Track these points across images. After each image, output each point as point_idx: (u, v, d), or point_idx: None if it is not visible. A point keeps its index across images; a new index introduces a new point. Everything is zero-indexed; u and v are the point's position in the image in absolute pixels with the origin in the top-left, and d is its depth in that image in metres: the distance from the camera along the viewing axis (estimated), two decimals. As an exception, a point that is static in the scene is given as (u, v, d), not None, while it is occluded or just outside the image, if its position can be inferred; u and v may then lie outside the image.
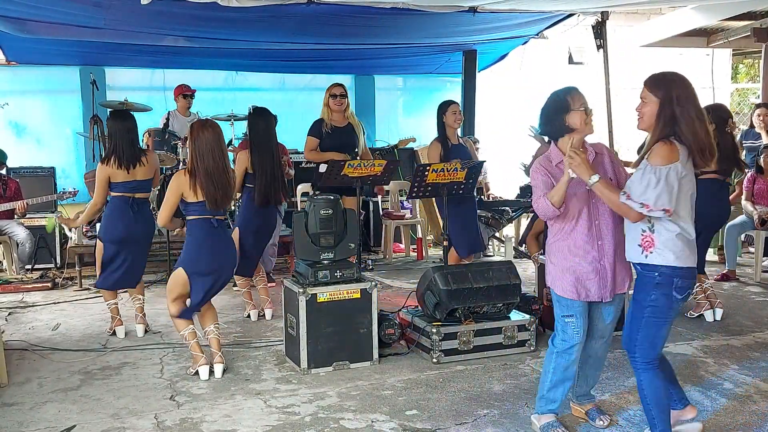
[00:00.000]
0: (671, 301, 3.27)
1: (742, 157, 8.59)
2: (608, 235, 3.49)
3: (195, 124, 4.56)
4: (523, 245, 8.11)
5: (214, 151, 4.42)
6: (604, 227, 3.48)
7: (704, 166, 3.25)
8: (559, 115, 3.48)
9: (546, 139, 5.61)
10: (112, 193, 5.30)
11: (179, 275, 4.55)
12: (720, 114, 5.54)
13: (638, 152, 3.52)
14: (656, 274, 3.24)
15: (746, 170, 7.76)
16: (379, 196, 8.70)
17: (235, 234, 5.49)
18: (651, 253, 3.25)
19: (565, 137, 3.48)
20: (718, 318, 5.74)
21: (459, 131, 6.29)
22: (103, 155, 5.45)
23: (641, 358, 3.35)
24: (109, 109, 7.06)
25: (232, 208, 6.83)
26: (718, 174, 5.52)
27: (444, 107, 6.14)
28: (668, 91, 3.19)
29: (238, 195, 5.97)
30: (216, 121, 4.90)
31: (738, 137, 8.75)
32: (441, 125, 6.12)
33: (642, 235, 3.27)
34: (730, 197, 7.29)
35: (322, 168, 6.12)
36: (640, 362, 3.35)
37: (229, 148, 7.51)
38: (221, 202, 4.47)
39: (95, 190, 5.33)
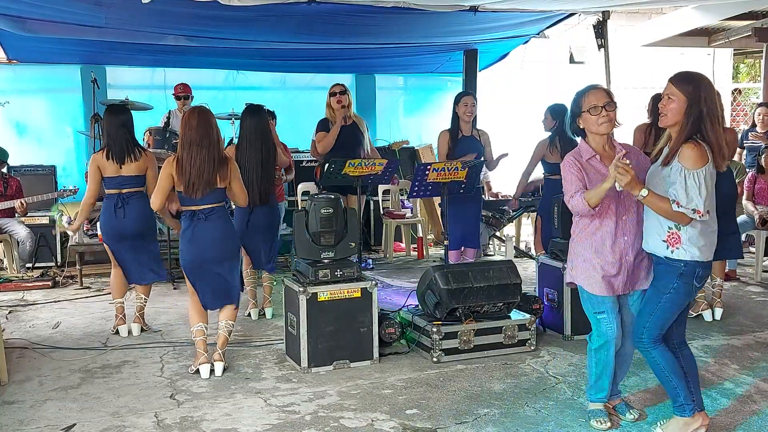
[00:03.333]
0: (691, 289, 3.38)
1: (743, 156, 8.63)
2: (633, 230, 3.55)
3: (187, 112, 4.59)
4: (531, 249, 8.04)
5: (193, 141, 4.41)
6: (630, 223, 3.54)
7: (722, 167, 3.30)
8: (574, 119, 3.60)
9: None
10: (105, 191, 5.32)
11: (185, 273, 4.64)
12: None
13: (656, 149, 3.49)
14: (682, 264, 3.32)
15: (747, 170, 7.77)
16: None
17: None
18: (677, 249, 3.32)
19: (588, 136, 3.57)
20: (718, 318, 5.74)
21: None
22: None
23: (649, 338, 3.43)
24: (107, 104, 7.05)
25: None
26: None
27: (458, 98, 6.23)
28: (697, 90, 3.24)
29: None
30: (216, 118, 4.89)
31: (739, 137, 8.77)
32: (454, 116, 6.18)
33: (669, 231, 3.33)
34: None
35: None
36: (647, 341, 3.44)
37: (229, 146, 7.51)
38: (195, 190, 4.42)
39: (88, 181, 5.33)
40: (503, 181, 9.77)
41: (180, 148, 4.47)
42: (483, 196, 7.57)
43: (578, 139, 3.67)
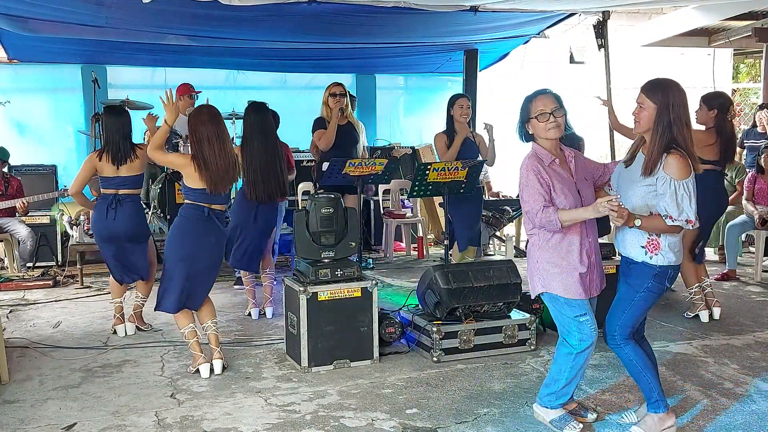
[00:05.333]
0: (663, 290, 3.49)
1: (743, 156, 8.64)
2: (594, 230, 3.59)
3: (192, 113, 4.60)
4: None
5: (210, 136, 4.45)
6: (590, 223, 3.55)
7: (698, 169, 3.37)
8: (523, 124, 3.61)
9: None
10: (102, 190, 5.32)
11: None
12: (722, 102, 5.56)
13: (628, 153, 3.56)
14: (657, 266, 3.40)
15: (747, 169, 7.78)
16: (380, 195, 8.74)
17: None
18: (656, 255, 3.39)
19: (539, 141, 3.56)
20: (716, 317, 5.74)
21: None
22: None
23: (621, 336, 3.51)
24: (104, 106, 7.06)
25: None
26: (716, 164, 5.56)
27: (452, 100, 6.22)
28: (666, 97, 3.31)
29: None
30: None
31: (739, 137, 8.78)
32: (449, 118, 6.18)
33: (648, 238, 3.40)
34: (731, 197, 7.30)
35: (326, 166, 6.12)
36: (619, 339, 3.52)
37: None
38: (219, 185, 4.47)
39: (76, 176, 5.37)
40: (504, 181, 9.79)
41: (196, 145, 4.46)
42: (483, 195, 7.57)
43: (530, 144, 3.61)
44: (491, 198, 8.98)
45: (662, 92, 3.32)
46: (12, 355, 4.92)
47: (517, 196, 9.03)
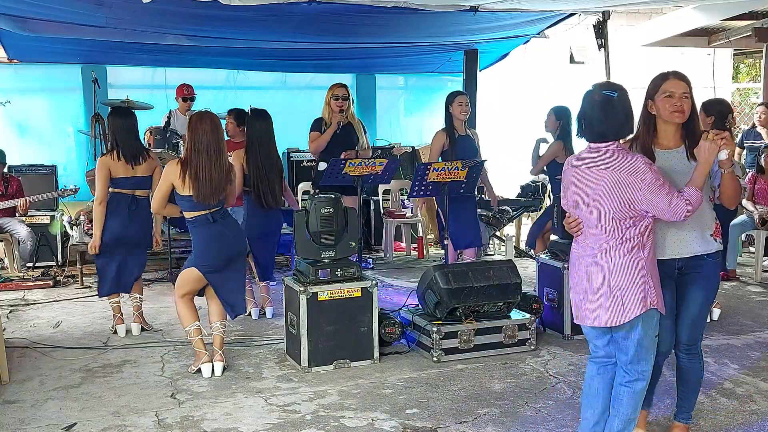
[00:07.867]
0: None
1: (743, 156, 8.65)
2: None
3: (194, 116, 4.55)
4: (532, 249, 7.89)
5: (210, 147, 4.42)
6: None
7: None
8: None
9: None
10: (113, 190, 5.22)
11: (191, 273, 4.58)
12: (721, 108, 5.53)
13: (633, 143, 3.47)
14: (718, 258, 3.33)
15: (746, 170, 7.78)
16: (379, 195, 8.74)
17: None
18: (718, 240, 3.32)
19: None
20: (716, 318, 5.75)
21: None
22: (105, 151, 5.48)
23: (700, 344, 3.42)
24: (109, 107, 7.05)
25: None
26: None
27: (451, 98, 6.19)
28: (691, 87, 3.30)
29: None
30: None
31: (739, 137, 8.79)
32: (448, 116, 6.17)
33: (715, 223, 3.32)
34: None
35: (322, 166, 6.12)
36: (700, 348, 3.40)
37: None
38: (209, 196, 4.44)
39: (96, 184, 5.22)
40: (503, 180, 9.80)
41: (192, 153, 4.42)
42: (483, 195, 7.57)
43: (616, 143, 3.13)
44: (489, 198, 8.97)
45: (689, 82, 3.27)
46: (12, 355, 4.92)
47: (517, 196, 8.98)
